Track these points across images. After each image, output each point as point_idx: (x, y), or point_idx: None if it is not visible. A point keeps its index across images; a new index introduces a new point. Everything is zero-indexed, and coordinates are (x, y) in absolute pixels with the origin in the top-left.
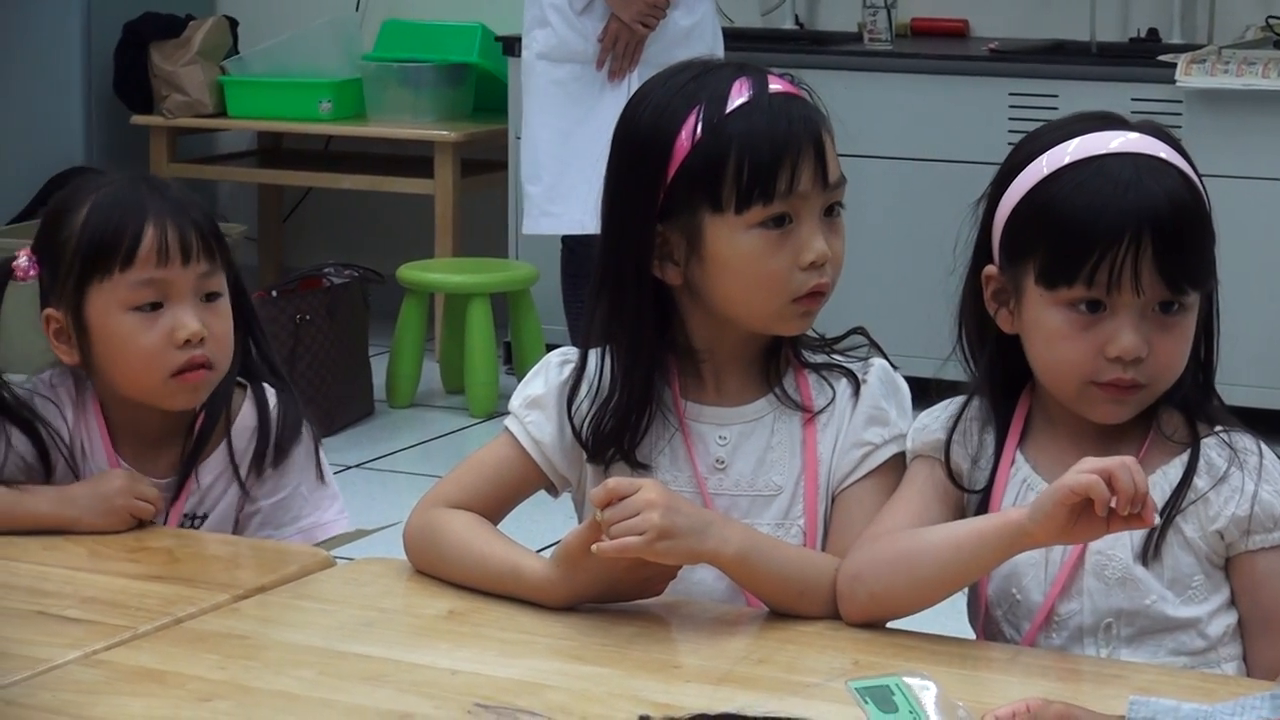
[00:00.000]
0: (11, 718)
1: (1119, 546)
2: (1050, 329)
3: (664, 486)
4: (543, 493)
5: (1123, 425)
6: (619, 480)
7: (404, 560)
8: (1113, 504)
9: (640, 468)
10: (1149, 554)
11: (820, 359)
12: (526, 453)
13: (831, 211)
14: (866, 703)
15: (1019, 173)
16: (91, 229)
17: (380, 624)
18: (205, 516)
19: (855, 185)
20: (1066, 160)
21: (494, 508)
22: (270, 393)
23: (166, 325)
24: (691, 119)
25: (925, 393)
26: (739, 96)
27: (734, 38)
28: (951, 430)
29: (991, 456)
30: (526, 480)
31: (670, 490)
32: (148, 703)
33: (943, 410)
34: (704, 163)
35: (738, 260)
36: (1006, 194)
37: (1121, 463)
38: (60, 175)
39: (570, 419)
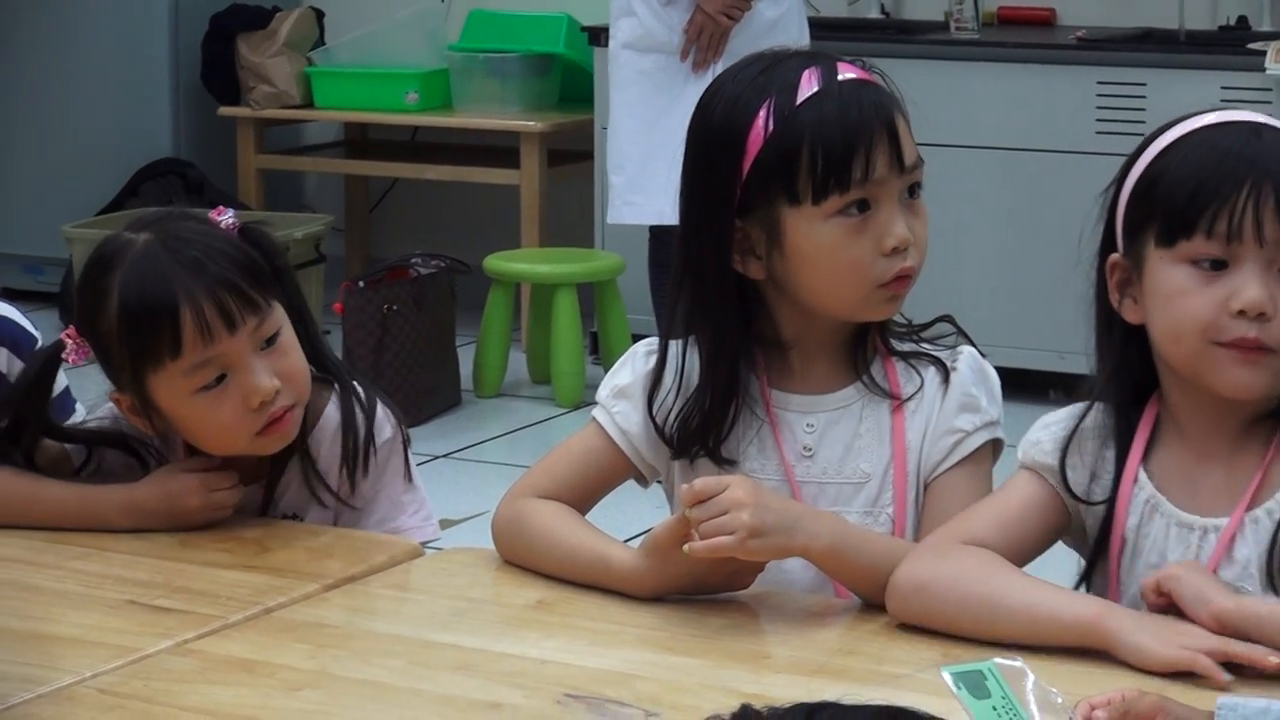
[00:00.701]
0: (104, 706)
1: (1246, 578)
2: (1171, 287)
3: (751, 483)
4: (631, 482)
5: (1248, 434)
6: (706, 481)
7: (492, 550)
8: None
9: (726, 464)
10: (1276, 579)
11: (908, 347)
12: (614, 443)
13: (911, 193)
14: (960, 689)
15: (1141, 156)
16: (128, 324)
17: (469, 614)
18: (296, 517)
19: (941, 175)
20: (1188, 129)
21: (582, 497)
22: (359, 395)
23: (238, 395)
24: (763, 113)
25: (1013, 384)
26: (809, 87)
27: (820, 28)
28: (1064, 452)
29: (1112, 470)
30: (614, 470)
31: (757, 485)
32: (238, 692)
33: (1059, 425)
34: (777, 156)
35: (819, 251)
36: (1129, 176)
37: (1225, 645)
38: (149, 166)
39: (652, 416)
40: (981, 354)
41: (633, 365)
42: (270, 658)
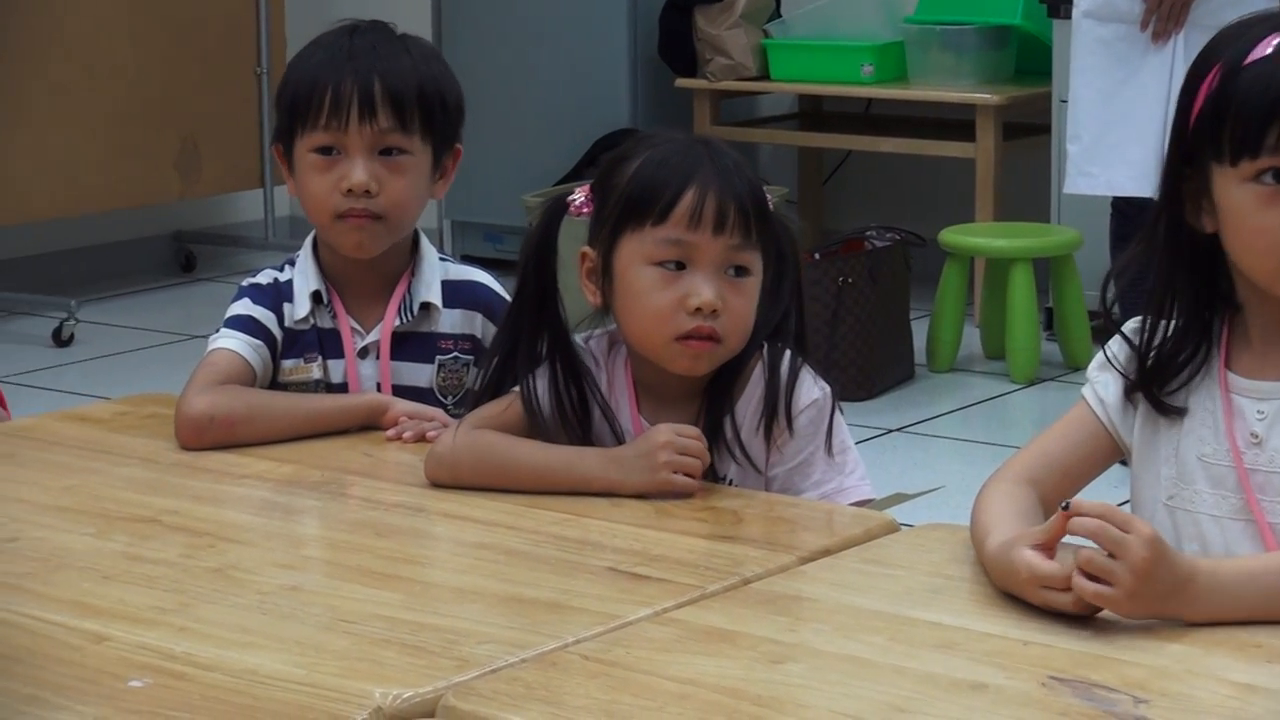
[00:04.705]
0: (589, 673)
1: None
2: None
3: (1156, 545)
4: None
5: None
6: (1114, 511)
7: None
8: None
9: (1173, 412)
10: None
11: None
12: (1094, 414)
13: None
14: None
15: None
16: (637, 181)
17: (948, 591)
18: (724, 478)
19: None
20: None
21: (1064, 474)
22: (785, 357)
23: (683, 288)
24: (1213, 72)
25: None
26: (1263, 49)
27: None
28: None
29: None
30: (1097, 444)
31: (1161, 550)
32: (720, 663)
33: None
34: (1210, 113)
35: (1230, 214)
36: None
37: None
38: (607, 136)
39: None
40: None
41: (1121, 338)
42: (750, 629)
